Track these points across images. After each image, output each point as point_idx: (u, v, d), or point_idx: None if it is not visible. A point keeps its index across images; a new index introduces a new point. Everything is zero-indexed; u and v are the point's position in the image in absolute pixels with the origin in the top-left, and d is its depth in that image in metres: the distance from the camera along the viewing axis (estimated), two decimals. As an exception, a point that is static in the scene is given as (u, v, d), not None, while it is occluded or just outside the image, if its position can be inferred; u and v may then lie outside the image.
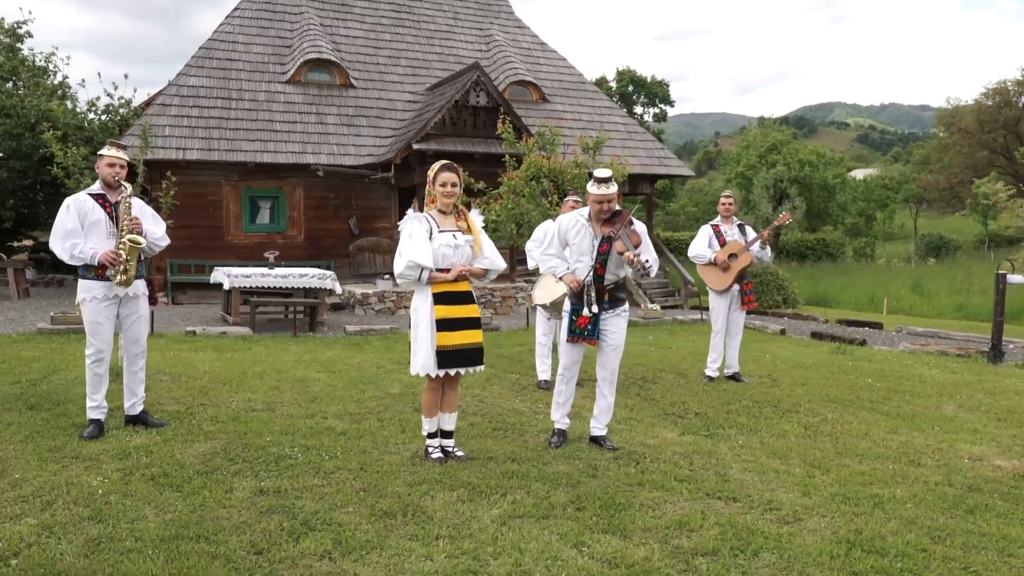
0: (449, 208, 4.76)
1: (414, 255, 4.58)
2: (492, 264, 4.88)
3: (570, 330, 5.23)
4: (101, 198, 5.22)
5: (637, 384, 7.68)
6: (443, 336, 4.64)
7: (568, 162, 10.08)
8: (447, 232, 4.71)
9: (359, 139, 17.64)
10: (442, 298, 4.67)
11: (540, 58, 22.26)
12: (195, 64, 17.51)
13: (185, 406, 5.99)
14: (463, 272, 4.68)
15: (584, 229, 5.21)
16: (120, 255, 5.11)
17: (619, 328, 5.27)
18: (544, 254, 5.37)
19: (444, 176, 4.67)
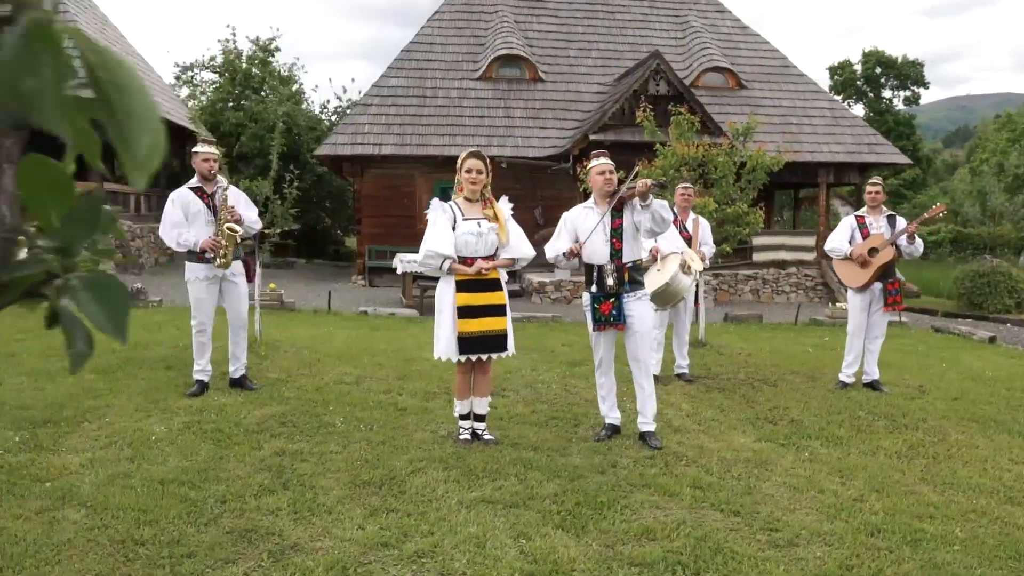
0: (475, 196, 4.80)
1: (434, 244, 4.68)
2: (518, 252, 4.85)
3: (595, 319, 5.06)
4: (199, 191, 5.93)
5: (750, 385, 7.14)
6: (464, 323, 4.70)
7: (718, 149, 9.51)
8: (471, 220, 4.75)
9: (544, 131, 17.98)
10: (465, 285, 4.73)
11: (740, 42, 21.11)
12: (396, 66, 18.91)
13: (287, 375, 6.62)
14: (485, 268, 4.69)
15: (591, 212, 5.02)
16: (220, 242, 5.78)
17: (643, 313, 5.05)
18: (550, 247, 5.17)
19: (469, 163, 4.72)
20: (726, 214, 9.23)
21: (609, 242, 4.93)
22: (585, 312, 5.14)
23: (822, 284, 18.41)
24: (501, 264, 4.82)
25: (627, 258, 4.96)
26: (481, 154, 4.78)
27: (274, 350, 7.54)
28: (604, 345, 5.13)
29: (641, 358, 5.05)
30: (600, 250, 4.95)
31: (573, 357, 8.35)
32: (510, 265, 4.88)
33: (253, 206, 6.20)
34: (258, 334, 7.79)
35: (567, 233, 5.08)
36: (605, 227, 4.92)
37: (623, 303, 4.98)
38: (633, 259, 5.00)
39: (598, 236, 4.93)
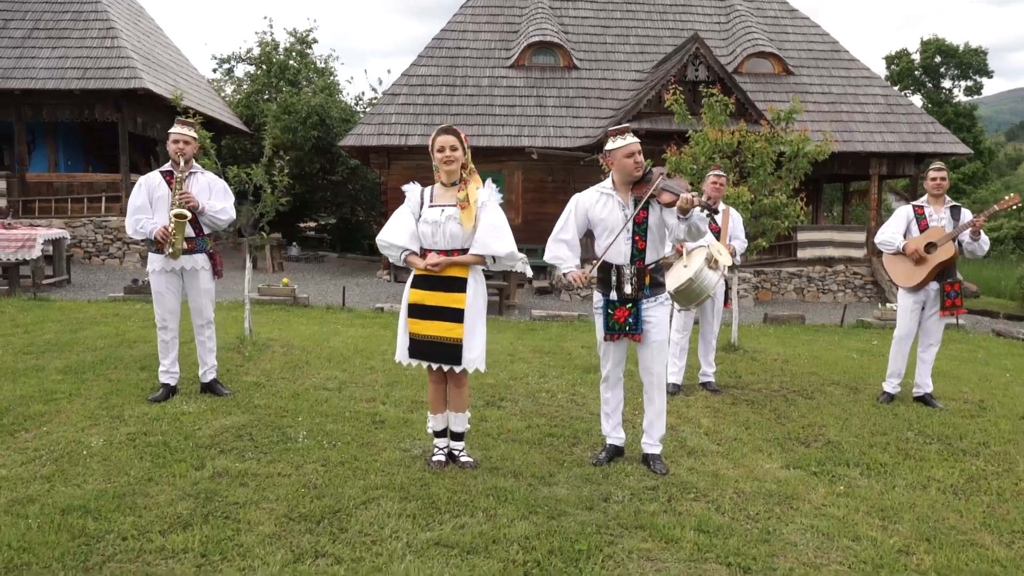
0: (452, 178, 4.14)
1: (385, 233, 4.13)
2: (484, 249, 4.07)
3: (607, 327, 4.35)
4: (168, 175, 5.40)
5: (783, 398, 6.35)
6: (413, 323, 4.10)
7: (755, 135, 8.67)
8: (436, 207, 4.11)
9: (577, 121, 17.24)
10: (419, 281, 4.12)
11: (787, 26, 20.00)
12: (426, 54, 18.35)
13: (266, 378, 6.07)
14: (430, 265, 4.02)
15: (610, 199, 4.29)
16: (167, 229, 5.23)
17: (662, 318, 4.32)
18: (554, 239, 4.42)
19: (440, 140, 4.06)
20: (763, 206, 8.40)
21: (631, 240, 4.22)
22: (595, 315, 4.43)
23: (872, 283, 17.32)
24: (466, 260, 4.09)
25: (650, 259, 4.25)
26: (453, 129, 4.11)
27: (262, 351, 7.01)
28: (615, 355, 4.43)
29: (655, 370, 4.35)
30: (620, 249, 4.23)
31: (589, 362, 7.64)
32: (479, 262, 4.14)
33: (229, 196, 5.64)
34: (247, 333, 7.27)
35: (575, 225, 4.34)
36: (627, 220, 4.21)
37: (641, 309, 4.28)
38: (655, 260, 4.28)
39: (618, 231, 4.22)
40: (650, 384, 4.39)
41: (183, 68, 19.97)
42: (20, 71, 15.18)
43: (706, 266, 5.88)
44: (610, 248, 4.25)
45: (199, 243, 5.47)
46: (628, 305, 4.28)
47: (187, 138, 5.39)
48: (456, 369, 4.11)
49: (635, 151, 4.18)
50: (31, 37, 15.88)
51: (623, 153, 4.21)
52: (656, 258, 4.27)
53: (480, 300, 4.18)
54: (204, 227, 5.47)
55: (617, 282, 4.27)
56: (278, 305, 10.97)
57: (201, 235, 5.48)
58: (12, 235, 11.44)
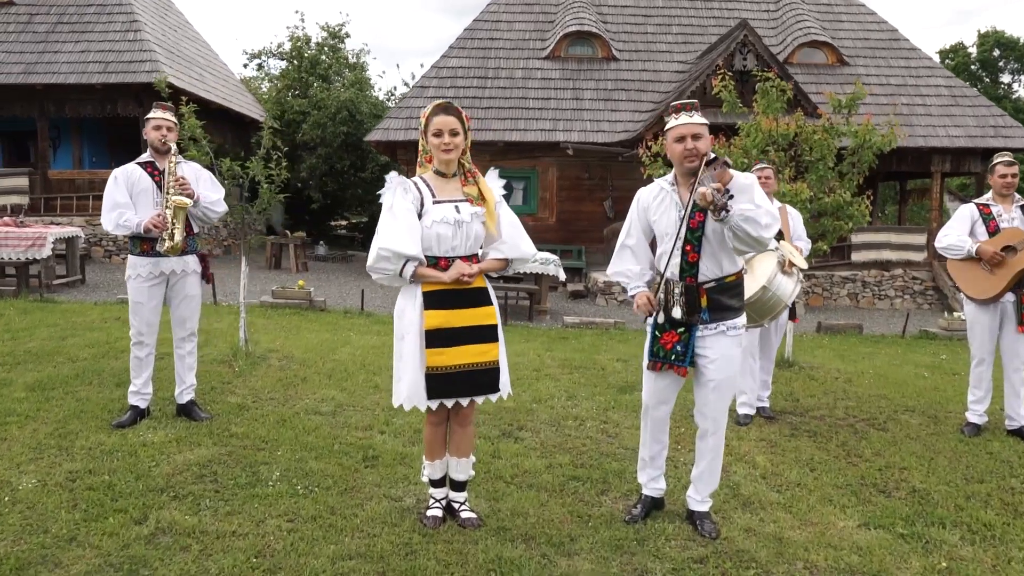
0: (451, 168, 3.34)
1: (390, 239, 3.21)
2: (515, 251, 3.38)
3: (651, 352, 3.51)
4: (149, 166, 4.72)
5: (851, 428, 5.44)
6: (435, 354, 3.25)
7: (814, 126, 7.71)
8: (446, 203, 3.30)
9: (615, 114, 16.32)
10: (437, 299, 3.28)
11: (842, 14, 18.79)
12: (457, 45, 17.59)
13: (253, 399, 5.35)
14: (467, 273, 3.25)
15: (667, 197, 3.45)
16: (166, 218, 4.55)
17: (726, 353, 3.43)
18: (618, 247, 3.63)
19: (438, 121, 3.25)
20: (824, 205, 7.45)
21: (681, 250, 3.37)
22: (647, 333, 3.60)
23: (933, 288, 16.09)
24: (490, 267, 3.37)
25: (706, 275, 3.39)
26: (454, 107, 3.30)
27: (256, 364, 6.29)
28: (659, 390, 3.57)
29: (712, 415, 3.49)
30: (674, 260, 3.40)
31: (625, 379, 6.79)
32: (503, 268, 3.41)
33: (219, 188, 4.95)
34: (242, 343, 6.57)
35: (639, 227, 3.55)
36: (679, 224, 3.38)
37: (694, 337, 3.43)
38: (718, 276, 3.41)
39: (671, 238, 3.40)
40: (704, 431, 3.53)
41: (210, 63, 19.54)
42: (43, 66, 14.82)
43: (779, 271, 5.00)
44: (660, 255, 3.45)
45: (190, 242, 4.79)
46: (679, 331, 3.43)
47: (170, 123, 4.70)
48: (494, 397, 3.36)
49: (686, 134, 3.32)
50: (55, 31, 15.53)
51: (672, 136, 3.37)
52: (720, 274, 3.41)
53: (499, 312, 3.44)
54: (194, 224, 4.80)
55: (664, 301, 3.42)
56: (292, 309, 10.31)
57: (191, 233, 4.79)
58: (22, 233, 10.96)
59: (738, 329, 3.47)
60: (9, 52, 15.11)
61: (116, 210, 4.70)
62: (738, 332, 3.47)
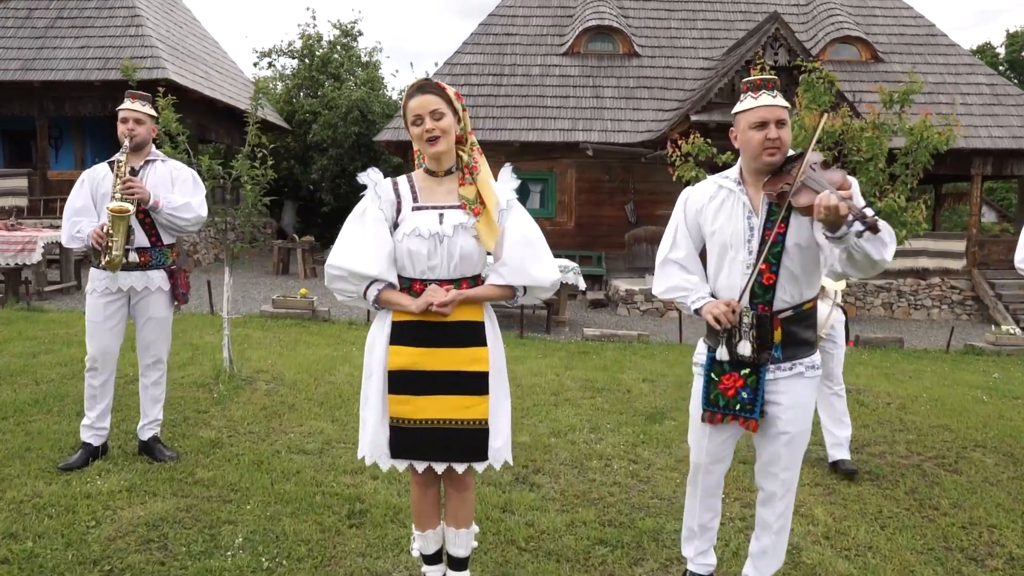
0: (444, 164, 2.63)
1: (344, 255, 2.56)
2: (519, 276, 2.59)
3: (705, 399, 2.78)
4: (116, 163, 4.05)
5: (919, 471, 4.68)
6: (398, 402, 2.57)
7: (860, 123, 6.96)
8: (428, 210, 2.60)
9: (637, 113, 15.57)
10: (405, 333, 2.58)
11: (875, 8, 17.94)
12: (472, 41, 16.92)
13: (230, 433, 4.66)
14: (437, 304, 2.50)
15: (730, 199, 2.73)
16: (103, 230, 3.88)
17: (801, 400, 2.71)
18: (662, 263, 2.88)
19: (413, 105, 2.54)
20: (876, 210, 6.67)
21: (753, 267, 2.65)
22: (695, 374, 2.86)
23: (972, 298, 15.22)
24: (483, 295, 2.61)
25: (784, 301, 2.67)
26: (432, 83, 2.57)
27: (239, 389, 5.61)
28: (715, 447, 2.84)
29: (782, 477, 2.75)
30: (735, 281, 2.70)
31: (653, 404, 6.07)
32: (504, 298, 2.65)
33: (198, 189, 4.25)
34: (226, 364, 5.89)
35: (688, 235, 2.82)
36: (752, 234, 2.67)
37: (764, 380, 2.70)
38: (796, 303, 2.69)
39: (736, 252, 2.69)
40: (770, 495, 2.80)
41: (218, 60, 19.00)
42: (41, 62, 14.30)
43: None
44: (724, 277, 2.71)
45: (155, 255, 4.10)
46: (744, 372, 2.70)
47: (139, 115, 4.03)
48: (479, 467, 2.60)
49: (770, 119, 2.59)
50: (54, 27, 15.02)
51: (748, 121, 2.63)
52: (799, 300, 2.68)
53: (500, 353, 2.68)
54: (163, 232, 4.11)
55: (727, 333, 2.69)
56: (294, 319, 9.65)
57: (159, 244, 4.11)
58: (11, 237, 10.39)
59: (816, 369, 2.74)
60: (7, 48, 14.61)
61: (75, 217, 4.07)
62: (816, 373, 2.74)
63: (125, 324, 4.13)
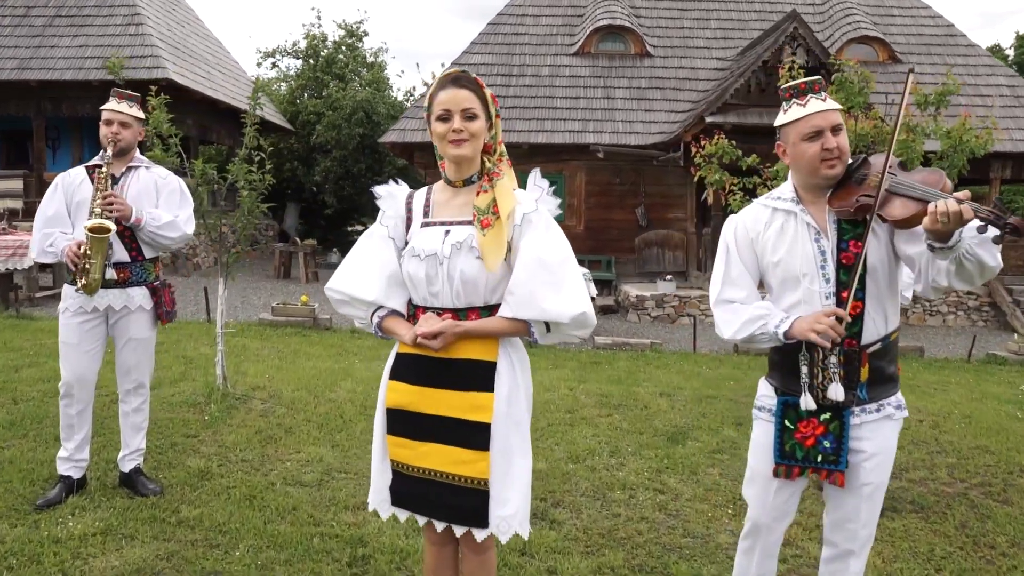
0: (463, 172, 2.24)
1: (342, 278, 2.28)
2: (528, 308, 2.12)
3: (779, 450, 2.39)
4: (95, 169, 3.68)
5: (965, 500, 4.30)
6: (397, 444, 2.23)
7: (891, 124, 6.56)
8: (435, 226, 2.22)
9: (650, 115, 15.18)
10: (405, 367, 2.23)
11: (893, 7, 17.52)
12: (480, 41, 16.55)
13: (221, 461, 4.28)
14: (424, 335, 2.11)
15: (791, 221, 2.35)
16: (80, 249, 3.50)
17: (887, 445, 2.35)
18: (720, 303, 2.44)
19: (444, 98, 2.15)
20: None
21: (834, 297, 2.28)
22: (756, 420, 2.48)
23: (989, 304, 14.78)
24: (485, 329, 2.17)
25: (872, 332, 2.29)
26: (469, 76, 2.19)
27: (233, 409, 5.24)
28: (779, 500, 2.43)
29: (864, 534, 2.37)
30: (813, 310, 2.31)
31: (673, 422, 5.70)
32: (518, 332, 2.19)
33: (186, 201, 3.88)
34: (219, 381, 5.52)
35: (743, 275, 2.42)
36: (826, 258, 2.30)
37: (849, 426, 2.31)
38: (884, 333, 2.32)
39: (811, 281, 2.31)
40: (844, 552, 2.41)
41: (221, 60, 18.67)
42: (38, 61, 13.98)
43: None
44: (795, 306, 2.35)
45: (136, 271, 3.72)
46: (825, 417, 2.32)
47: (125, 117, 3.65)
48: (480, 534, 2.20)
49: (824, 127, 2.23)
50: (52, 25, 14.70)
51: (800, 132, 2.26)
52: (885, 331, 2.31)
53: (521, 402, 2.25)
54: (144, 247, 3.74)
55: (809, 371, 2.30)
56: (294, 328, 9.29)
57: (140, 259, 3.74)
58: (3, 241, 10.06)
59: (902, 409, 2.37)
60: (3, 47, 14.28)
61: (47, 228, 3.70)
62: (902, 414, 2.37)
63: (104, 346, 3.76)
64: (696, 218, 15.02)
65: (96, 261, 3.48)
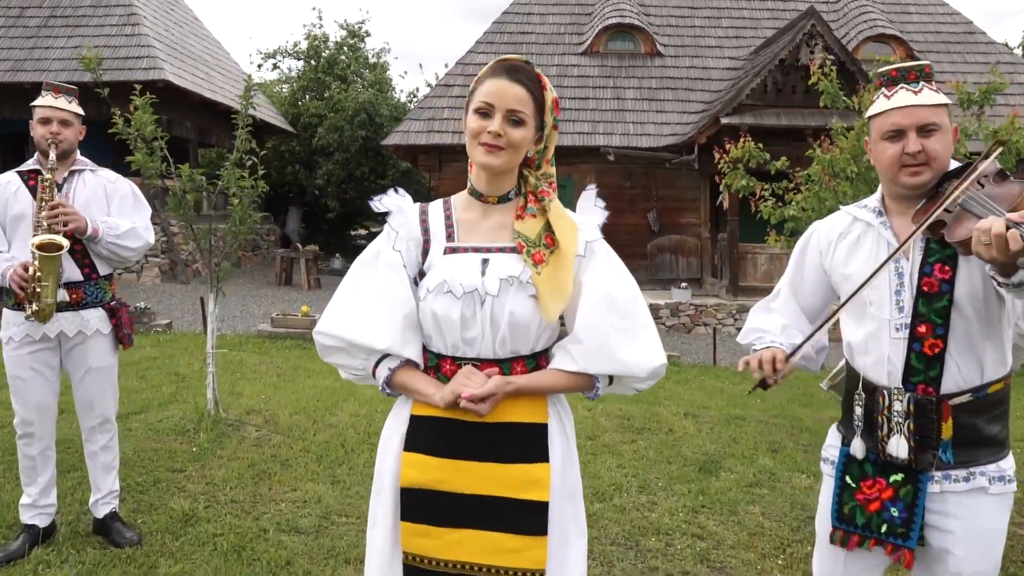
0: (497, 186, 1.78)
1: (342, 321, 1.75)
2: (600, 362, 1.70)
3: (836, 513, 1.99)
4: (34, 175, 3.23)
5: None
6: (414, 533, 1.72)
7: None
8: (467, 252, 1.75)
9: (661, 115, 14.77)
10: (425, 433, 1.73)
11: (908, 4, 17.10)
12: (485, 40, 16.16)
13: (206, 502, 3.83)
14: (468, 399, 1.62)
15: (868, 234, 1.99)
16: (28, 272, 3.04)
17: (984, 526, 1.88)
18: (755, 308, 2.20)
19: (489, 89, 1.68)
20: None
21: (907, 332, 1.87)
22: (824, 473, 2.08)
23: None
24: (542, 385, 1.72)
25: (957, 380, 1.85)
26: (532, 75, 1.72)
27: (225, 437, 4.79)
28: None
29: None
30: (881, 349, 1.91)
31: (703, 449, 5.25)
32: (579, 388, 1.75)
33: (141, 207, 3.44)
34: (209, 407, 5.07)
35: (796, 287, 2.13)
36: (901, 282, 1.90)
37: (925, 494, 1.87)
38: (977, 383, 1.86)
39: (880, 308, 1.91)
40: None
41: (220, 62, 18.28)
42: (32, 63, 13.59)
43: None
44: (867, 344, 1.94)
45: (90, 290, 3.28)
46: (895, 478, 1.88)
47: (64, 115, 3.21)
48: None
49: (905, 125, 1.83)
50: (47, 26, 14.31)
51: (879, 129, 1.89)
52: (980, 380, 1.87)
53: (575, 468, 1.81)
54: (99, 262, 3.29)
55: (866, 419, 1.90)
56: (294, 340, 8.85)
57: (94, 276, 3.29)
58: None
59: (1008, 482, 1.90)
60: (-3, 48, 13.92)
61: None
62: (1007, 488, 1.90)
63: (60, 376, 3.32)
64: (710, 223, 14.58)
65: (48, 283, 3.03)
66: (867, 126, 1.99)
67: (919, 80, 1.88)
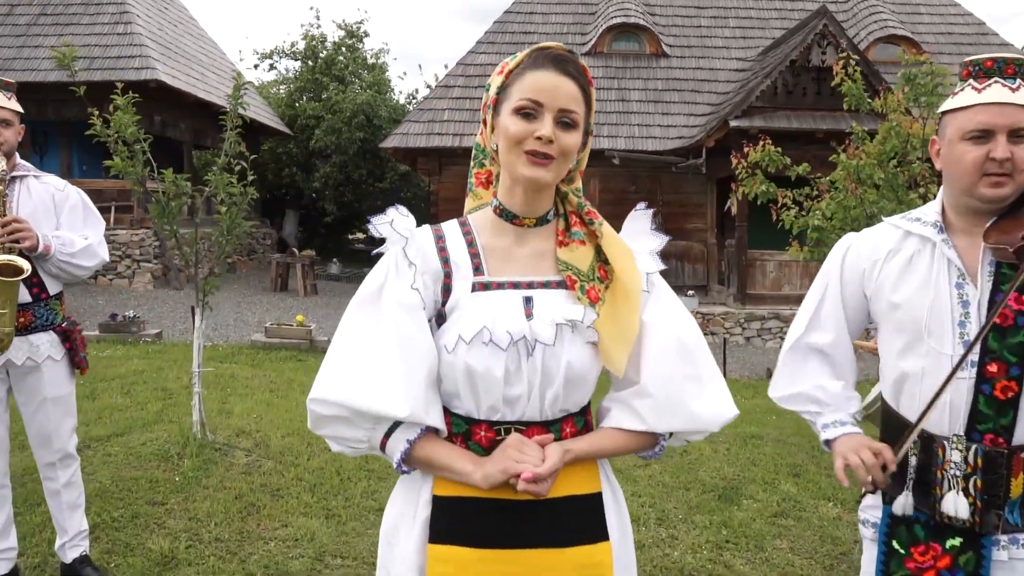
0: (538, 206, 1.42)
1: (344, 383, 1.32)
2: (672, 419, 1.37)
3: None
4: None
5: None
6: None
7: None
8: (503, 289, 1.39)
9: (667, 118, 14.45)
10: (457, 520, 1.35)
11: (920, 4, 16.80)
12: (486, 40, 15.83)
13: (187, 540, 3.49)
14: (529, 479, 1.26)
15: (926, 251, 1.65)
16: None
17: None
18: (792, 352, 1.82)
19: (538, 81, 1.34)
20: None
21: (976, 373, 1.54)
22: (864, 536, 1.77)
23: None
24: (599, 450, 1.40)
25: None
26: (581, 69, 1.38)
27: (211, 464, 4.44)
28: None
29: None
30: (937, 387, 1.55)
31: (721, 472, 4.94)
32: (640, 449, 1.43)
33: (93, 219, 3.09)
34: (196, 429, 4.72)
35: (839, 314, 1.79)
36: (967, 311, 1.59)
37: (990, 560, 1.55)
38: None
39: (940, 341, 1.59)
40: None
41: (215, 62, 17.94)
42: (20, 62, 13.25)
43: None
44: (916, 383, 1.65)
45: (40, 312, 2.93)
46: (952, 543, 1.60)
47: (4, 114, 2.84)
48: None
49: (998, 127, 1.52)
50: (36, 24, 13.98)
51: (960, 127, 1.57)
52: None
53: (631, 545, 1.47)
54: (48, 280, 2.95)
55: (919, 474, 1.64)
56: (289, 350, 8.52)
57: (44, 296, 2.94)
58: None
59: None
60: (-15, 47, 13.58)
61: None
62: None
63: (8, 407, 2.97)
64: (717, 228, 14.26)
65: (7, 311, 2.68)
66: (939, 121, 1.67)
67: (1017, 76, 1.57)
